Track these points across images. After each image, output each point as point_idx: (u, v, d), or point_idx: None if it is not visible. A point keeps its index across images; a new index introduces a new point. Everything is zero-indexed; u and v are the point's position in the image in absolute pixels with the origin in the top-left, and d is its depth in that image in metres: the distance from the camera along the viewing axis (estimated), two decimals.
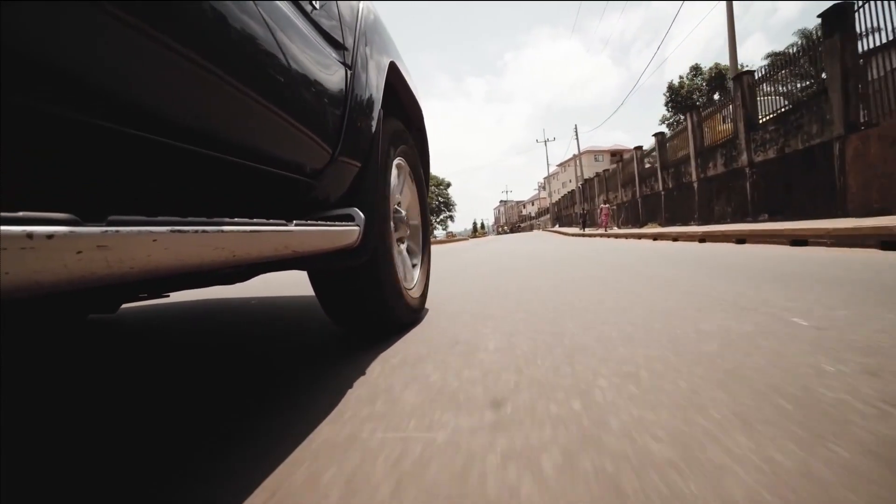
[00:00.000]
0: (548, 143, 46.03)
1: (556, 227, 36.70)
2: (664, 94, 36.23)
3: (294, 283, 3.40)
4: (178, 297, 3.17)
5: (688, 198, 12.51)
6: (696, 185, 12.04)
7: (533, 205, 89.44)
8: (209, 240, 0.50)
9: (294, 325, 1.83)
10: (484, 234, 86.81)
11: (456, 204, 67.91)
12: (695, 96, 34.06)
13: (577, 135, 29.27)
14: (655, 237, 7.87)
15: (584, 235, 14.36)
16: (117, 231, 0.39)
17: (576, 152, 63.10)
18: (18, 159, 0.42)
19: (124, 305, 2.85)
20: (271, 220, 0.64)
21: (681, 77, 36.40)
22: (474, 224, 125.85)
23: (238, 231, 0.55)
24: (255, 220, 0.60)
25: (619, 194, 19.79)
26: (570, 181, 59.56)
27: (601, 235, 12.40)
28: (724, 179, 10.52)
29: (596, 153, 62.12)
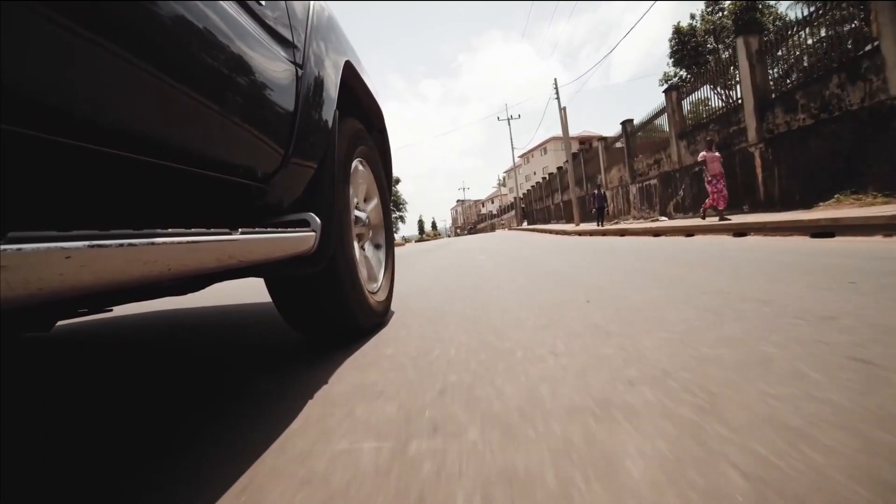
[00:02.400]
0: (511, 120, 38.27)
1: (525, 225, 30.74)
2: (669, 42, 23.37)
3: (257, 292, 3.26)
4: (131, 308, 2.97)
5: None
6: None
7: (493, 202, 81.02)
8: (137, 254, 0.46)
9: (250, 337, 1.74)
10: (436, 237, 69.65)
11: (407, 202, 60.30)
12: (710, 44, 21.69)
13: (557, 91, 20.43)
14: None
15: (613, 233, 7.91)
16: (19, 249, 0.35)
17: (542, 139, 57.25)
18: None
19: (62, 322, 2.65)
20: (212, 230, 0.60)
21: (692, 16, 22.93)
22: (420, 224, 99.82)
23: (173, 242, 0.51)
24: (192, 229, 0.56)
25: (662, 158, 10.83)
26: (536, 173, 54.00)
27: (717, 229, 5.37)
28: None
29: (563, 141, 57.86)
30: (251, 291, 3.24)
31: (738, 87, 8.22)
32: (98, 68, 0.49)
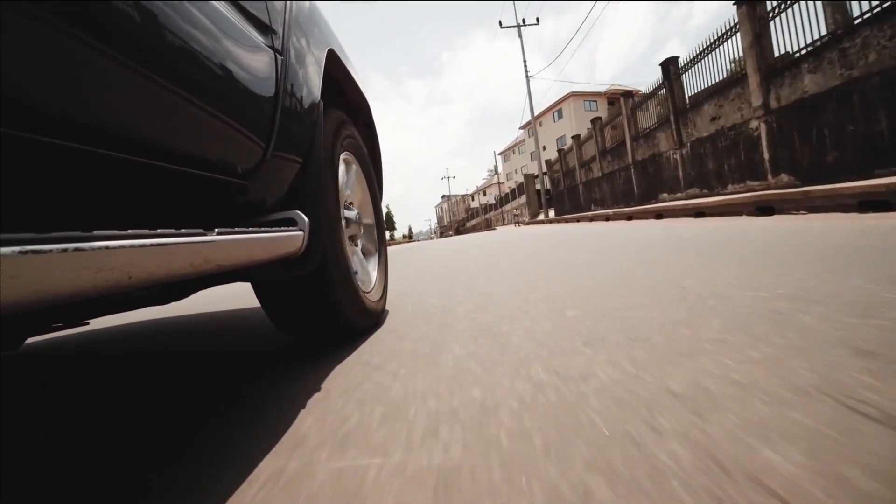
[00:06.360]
0: (524, 27, 23.11)
1: (552, 215, 19.26)
2: None
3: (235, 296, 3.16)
4: (111, 320, 2.85)
5: None
6: None
7: (485, 194, 66.27)
8: (86, 260, 0.38)
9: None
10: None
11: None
12: None
13: None
14: None
15: None
16: None
17: (562, 95, 40.17)
18: None
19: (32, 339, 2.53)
20: (181, 230, 0.52)
21: None
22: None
23: (132, 246, 0.43)
24: (158, 230, 0.48)
25: None
26: (545, 147, 39.21)
27: None
28: None
29: (586, 98, 40.77)
30: (243, 296, 3.14)
31: None
32: (58, 53, 0.41)
